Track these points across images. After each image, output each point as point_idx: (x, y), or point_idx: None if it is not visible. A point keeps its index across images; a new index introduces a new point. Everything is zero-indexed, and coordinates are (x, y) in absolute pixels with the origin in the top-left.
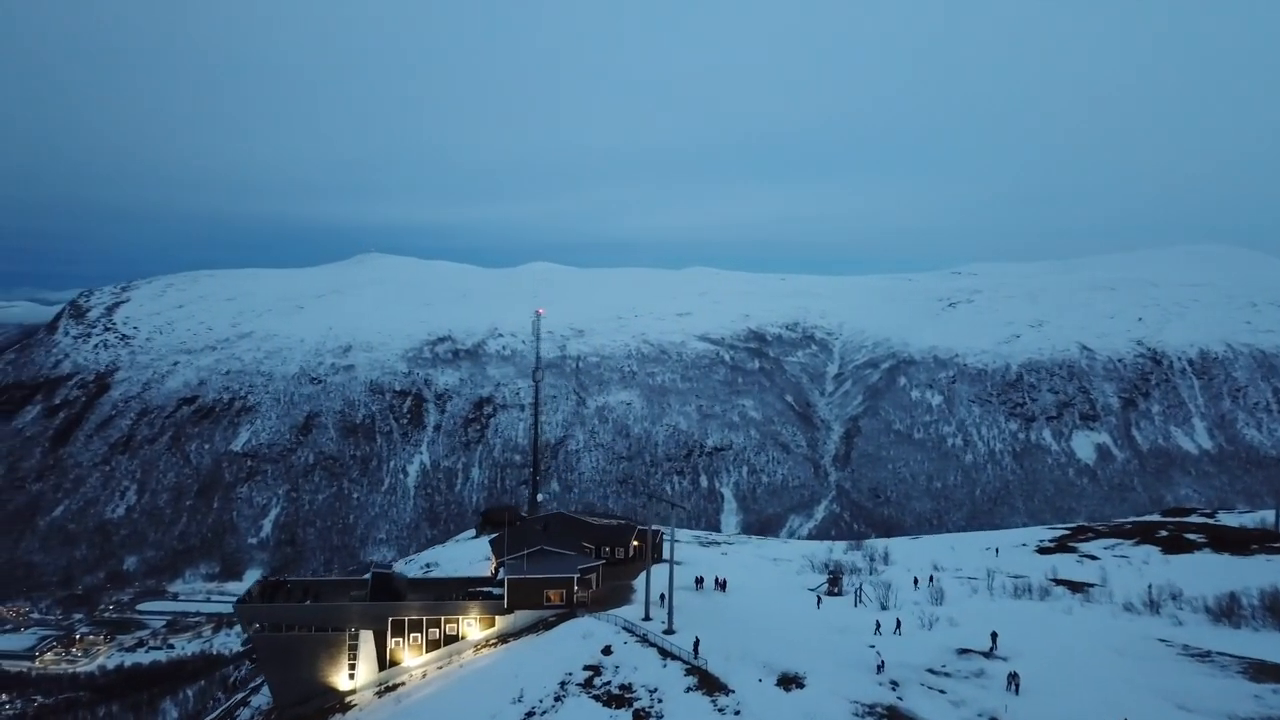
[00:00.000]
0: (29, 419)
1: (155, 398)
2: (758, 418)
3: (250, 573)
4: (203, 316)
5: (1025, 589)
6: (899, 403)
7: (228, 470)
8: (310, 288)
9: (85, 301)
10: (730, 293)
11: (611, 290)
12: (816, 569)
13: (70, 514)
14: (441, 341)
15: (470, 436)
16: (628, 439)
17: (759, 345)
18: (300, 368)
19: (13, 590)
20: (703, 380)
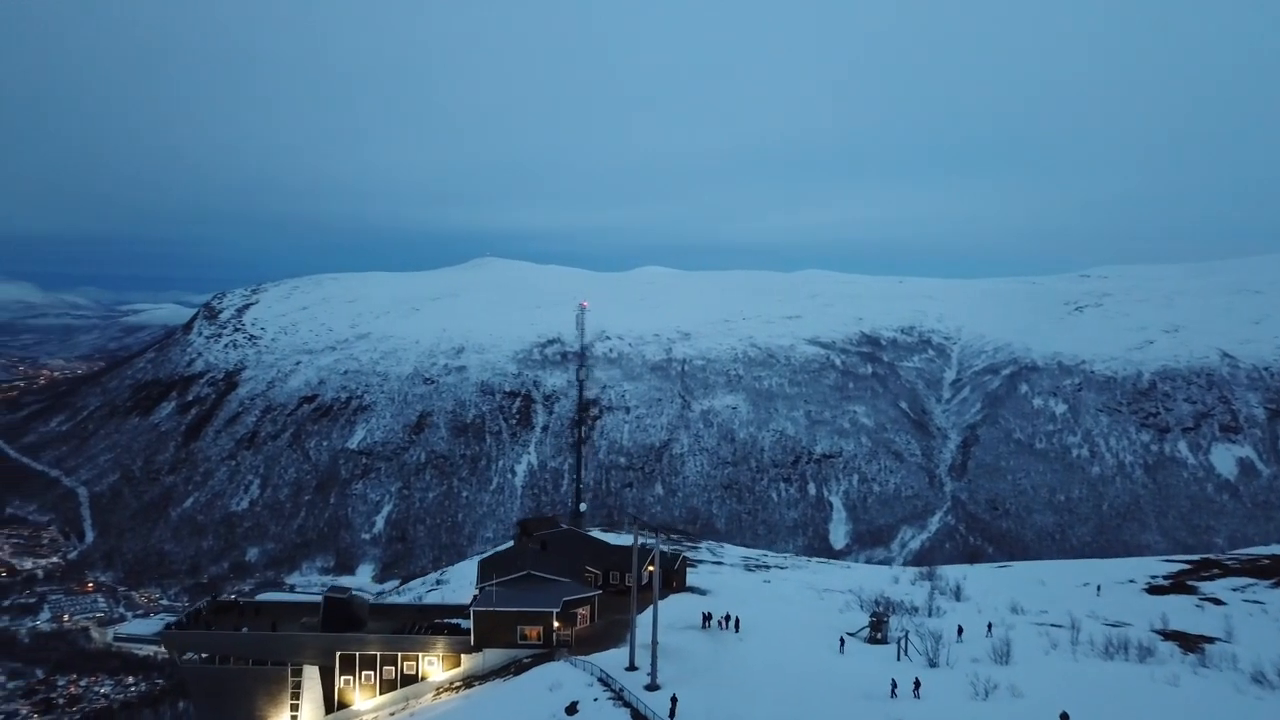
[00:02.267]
0: (164, 414)
1: (278, 396)
2: (869, 424)
3: (363, 567)
4: (324, 318)
5: (1121, 645)
6: (1020, 411)
7: (344, 467)
8: (426, 291)
9: (218, 303)
10: (842, 295)
11: (719, 293)
12: (865, 606)
13: (199, 506)
14: (550, 344)
15: (577, 437)
16: (733, 444)
17: (872, 349)
18: (414, 368)
19: (145, 577)
20: (812, 385)
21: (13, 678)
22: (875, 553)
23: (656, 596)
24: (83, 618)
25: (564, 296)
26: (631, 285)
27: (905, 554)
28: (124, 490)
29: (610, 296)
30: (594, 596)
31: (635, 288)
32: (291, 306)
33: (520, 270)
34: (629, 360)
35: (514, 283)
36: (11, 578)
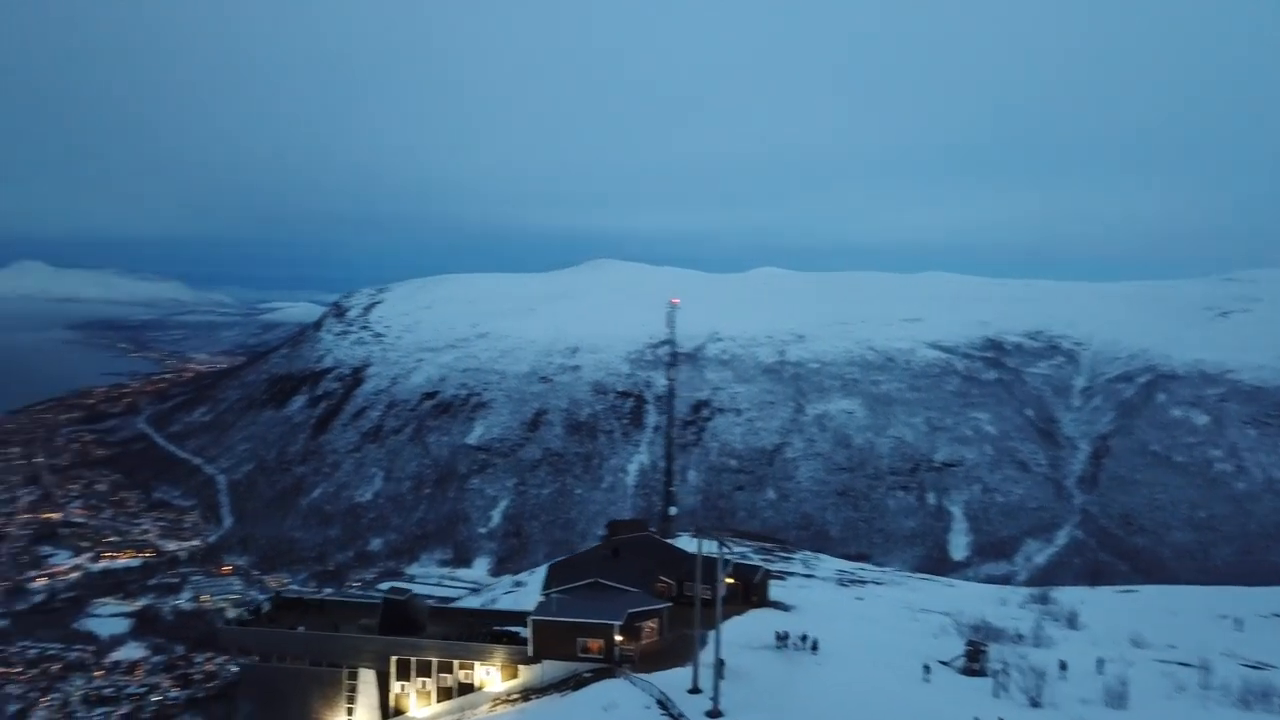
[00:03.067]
0: (296, 408)
1: (401, 392)
2: (993, 432)
3: (479, 560)
4: (446, 317)
5: (1262, 693)
6: (1157, 421)
7: (462, 462)
8: (544, 291)
9: (346, 302)
10: (966, 298)
11: (836, 295)
12: (963, 631)
13: (326, 496)
14: (663, 344)
15: (687, 439)
16: (848, 449)
17: (996, 355)
18: (530, 367)
19: (277, 562)
20: (932, 390)
21: (156, 652)
22: (997, 566)
23: (719, 612)
24: (220, 598)
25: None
26: (746, 286)
27: (1029, 568)
28: (258, 479)
29: (724, 297)
30: (663, 609)
31: (749, 289)
32: (415, 305)
33: (635, 271)
34: (741, 362)
35: (628, 284)
36: (158, 558)
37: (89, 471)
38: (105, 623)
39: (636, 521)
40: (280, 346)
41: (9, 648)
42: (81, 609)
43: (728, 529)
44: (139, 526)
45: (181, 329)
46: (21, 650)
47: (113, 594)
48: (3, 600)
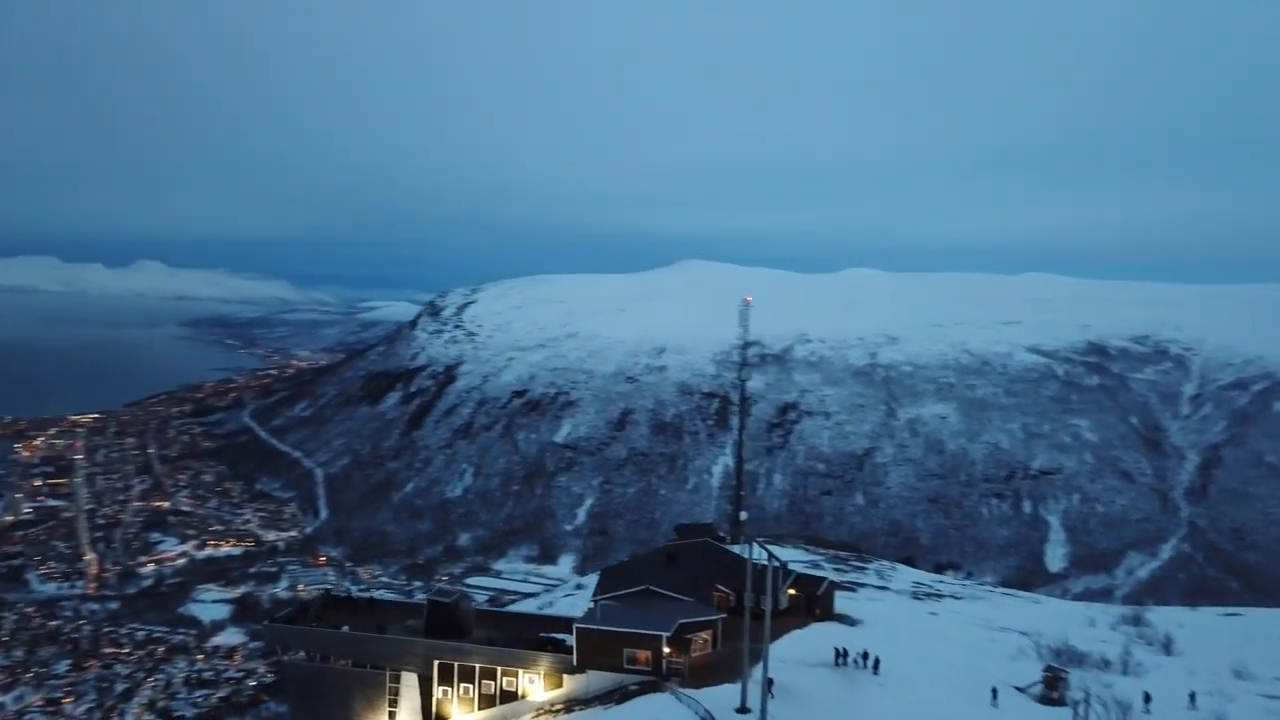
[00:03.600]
0: (390, 404)
1: (492, 390)
2: (1094, 440)
3: (564, 557)
4: (536, 317)
5: None
6: (1273, 431)
7: (550, 460)
8: (632, 292)
9: (440, 302)
10: (1066, 301)
11: (930, 296)
12: (1044, 655)
13: (418, 491)
14: (750, 346)
15: (774, 441)
16: (940, 455)
17: (1099, 359)
18: (618, 367)
19: (369, 555)
20: (1030, 396)
21: (253, 639)
22: (1096, 579)
23: (768, 626)
24: (314, 588)
25: (764, 298)
26: (836, 287)
27: (1131, 582)
28: (353, 473)
29: (813, 299)
30: (717, 620)
31: (840, 290)
32: (506, 305)
33: (723, 272)
34: (830, 364)
35: (716, 285)
36: (258, 548)
37: (197, 462)
38: (208, 608)
39: (705, 526)
40: (377, 345)
41: (119, 629)
42: (186, 594)
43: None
44: (241, 516)
45: (286, 327)
46: (130, 632)
47: (215, 581)
48: (115, 584)
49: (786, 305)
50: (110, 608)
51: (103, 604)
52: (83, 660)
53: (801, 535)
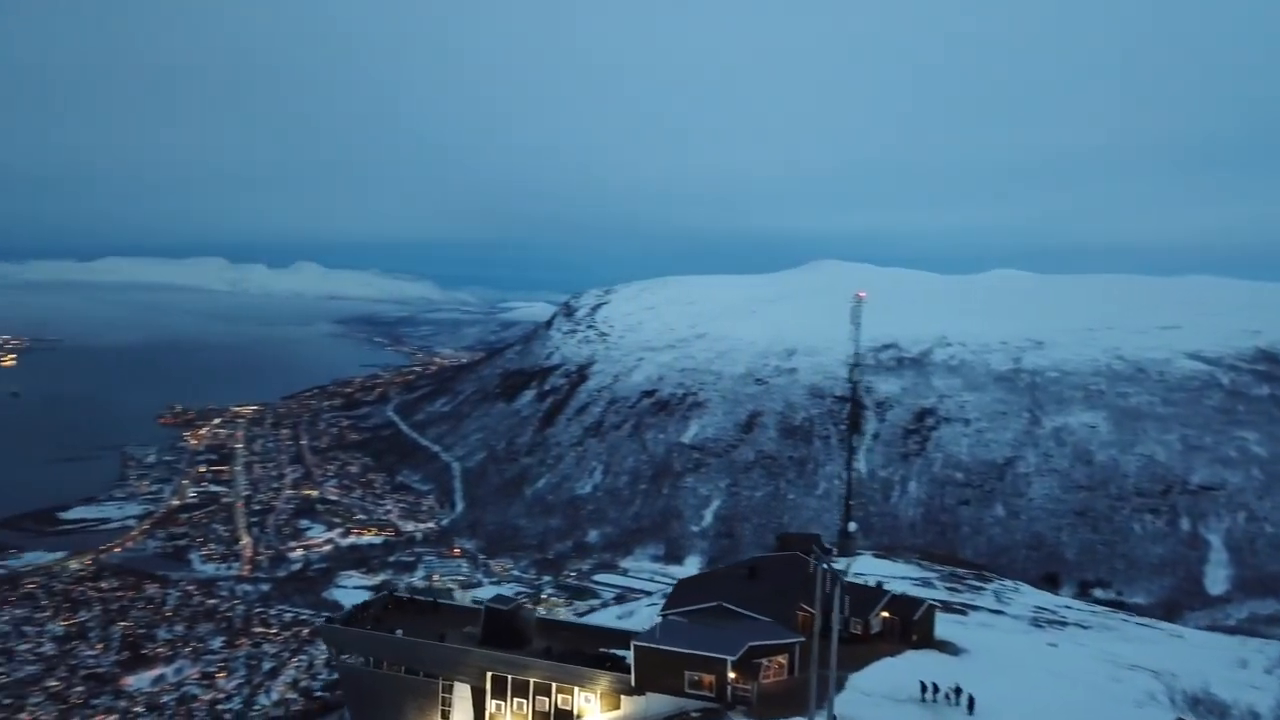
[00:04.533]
0: (525, 402)
1: (622, 389)
2: (1262, 454)
3: (690, 558)
4: (666, 318)
5: None
6: None
7: (677, 460)
8: (763, 293)
9: (575, 303)
10: (1233, 305)
11: (1081, 299)
12: (1178, 702)
13: (549, 487)
14: (885, 349)
15: (909, 448)
16: (1089, 466)
17: (1269, 368)
18: (746, 369)
19: (501, 548)
20: (1190, 405)
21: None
22: (1263, 603)
23: (834, 653)
24: (449, 579)
25: (902, 300)
26: (979, 289)
27: None
28: (489, 468)
29: (954, 301)
30: (794, 644)
31: (983, 292)
32: (638, 306)
33: (858, 273)
34: (971, 369)
35: (850, 286)
36: (397, 537)
37: (344, 454)
38: (349, 594)
39: (809, 537)
40: (514, 344)
41: (269, 610)
42: (330, 579)
43: (916, 550)
44: (383, 507)
45: (430, 325)
46: (279, 614)
47: (357, 567)
48: (267, 567)
49: (926, 307)
50: (262, 589)
51: (255, 585)
52: (235, 638)
53: (916, 549)
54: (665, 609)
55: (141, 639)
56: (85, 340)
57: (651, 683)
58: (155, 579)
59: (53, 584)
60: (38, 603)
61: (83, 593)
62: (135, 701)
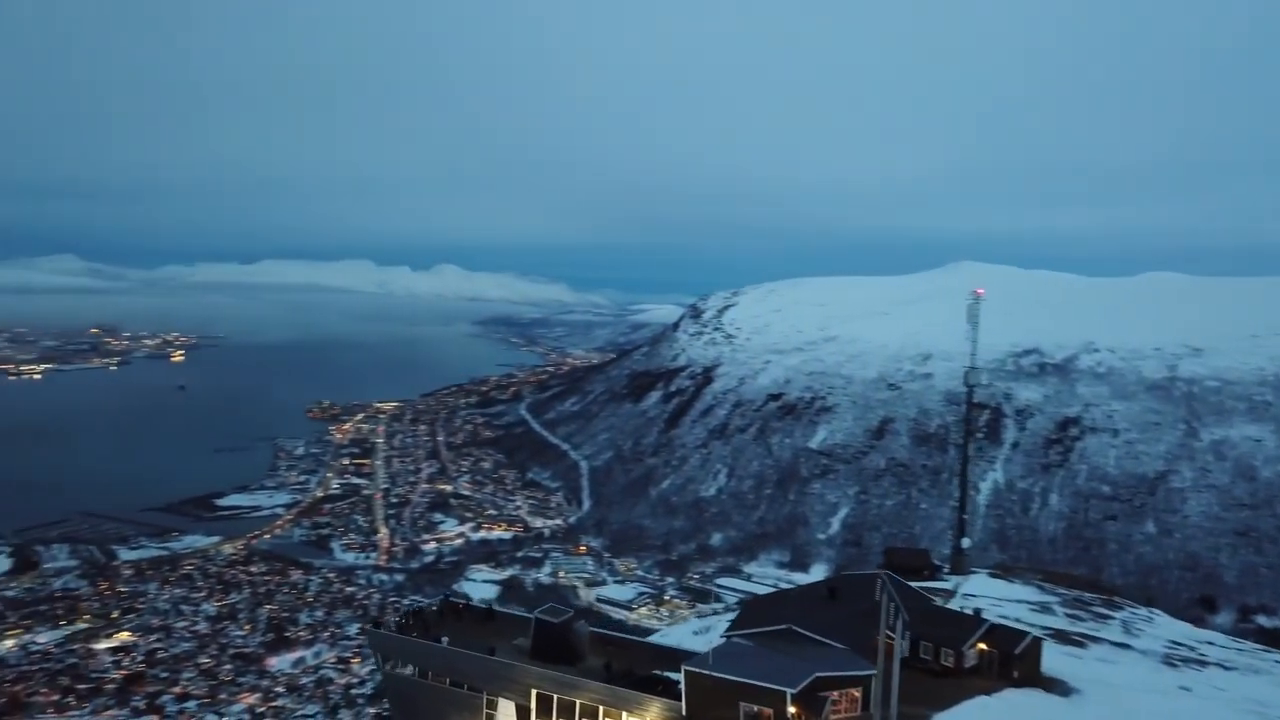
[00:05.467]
0: (651, 403)
1: (748, 392)
2: None
3: (816, 566)
4: (795, 320)
5: None
6: None
7: (804, 465)
8: (897, 295)
9: (702, 304)
10: None
11: (1245, 304)
12: None
13: (674, 488)
14: (1027, 354)
15: (1051, 459)
16: (1252, 483)
17: None
18: (878, 373)
19: (626, 548)
20: None
21: None
22: None
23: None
24: (574, 576)
25: (1046, 304)
26: (1131, 293)
27: None
28: (615, 467)
29: (1102, 305)
30: (868, 676)
31: (1135, 296)
32: (766, 308)
33: (999, 275)
34: (1120, 376)
35: (991, 288)
36: (526, 533)
37: (477, 450)
38: (478, 587)
39: (919, 552)
40: (642, 345)
41: (402, 599)
42: (460, 572)
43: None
44: (513, 503)
45: (563, 327)
46: (411, 604)
47: (486, 562)
48: (402, 558)
49: (1071, 311)
50: (396, 579)
51: (390, 575)
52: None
53: (1039, 570)
54: (730, 629)
55: (285, 622)
56: (245, 338)
57: (703, 712)
58: (299, 565)
59: (208, 566)
60: (194, 583)
61: (234, 576)
62: (277, 682)
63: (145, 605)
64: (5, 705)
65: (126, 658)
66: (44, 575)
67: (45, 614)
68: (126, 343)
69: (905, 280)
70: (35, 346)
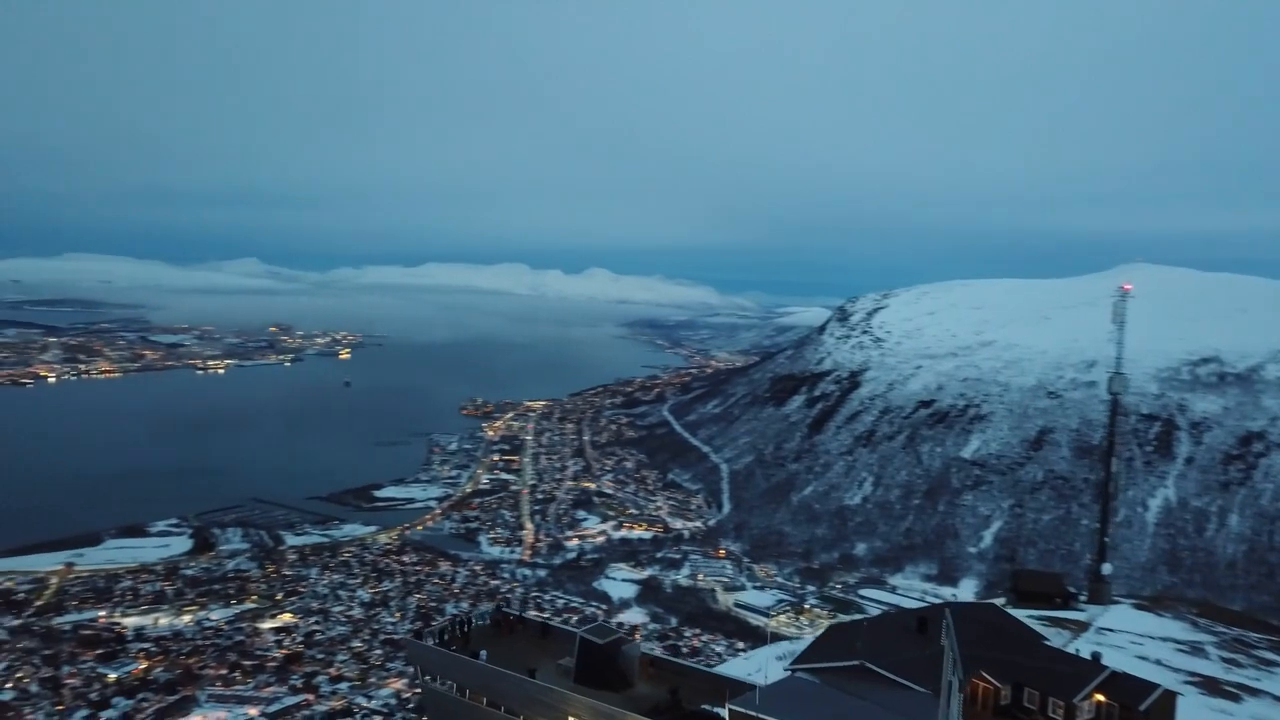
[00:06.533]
0: (794, 407)
1: (896, 398)
2: None
3: (966, 581)
4: (948, 324)
5: None
6: None
7: (955, 476)
8: (1059, 299)
9: (850, 307)
10: None
11: None
12: None
13: (816, 495)
14: (1204, 363)
15: (1231, 476)
16: None
17: None
18: (1038, 380)
19: (766, 554)
20: None
21: (653, 620)
22: None
23: None
24: (712, 579)
25: (1227, 309)
26: None
27: None
28: (756, 471)
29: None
30: None
31: None
32: (917, 311)
33: (1175, 278)
34: None
35: (1164, 292)
36: (665, 534)
37: (621, 450)
38: (617, 585)
39: (1051, 576)
40: (786, 348)
41: (544, 594)
42: (601, 570)
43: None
44: (654, 503)
45: (708, 329)
46: (552, 599)
47: (626, 561)
48: (545, 553)
49: (1257, 317)
50: (539, 574)
51: (534, 570)
52: None
53: (1194, 602)
54: (798, 661)
55: (432, 611)
56: (406, 337)
57: None
58: (448, 557)
59: (364, 554)
60: (351, 570)
61: (388, 564)
62: None
63: (306, 589)
64: (180, 677)
65: (288, 638)
66: (219, 556)
67: (219, 593)
68: (300, 340)
69: (1070, 283)
70: (220, 343)
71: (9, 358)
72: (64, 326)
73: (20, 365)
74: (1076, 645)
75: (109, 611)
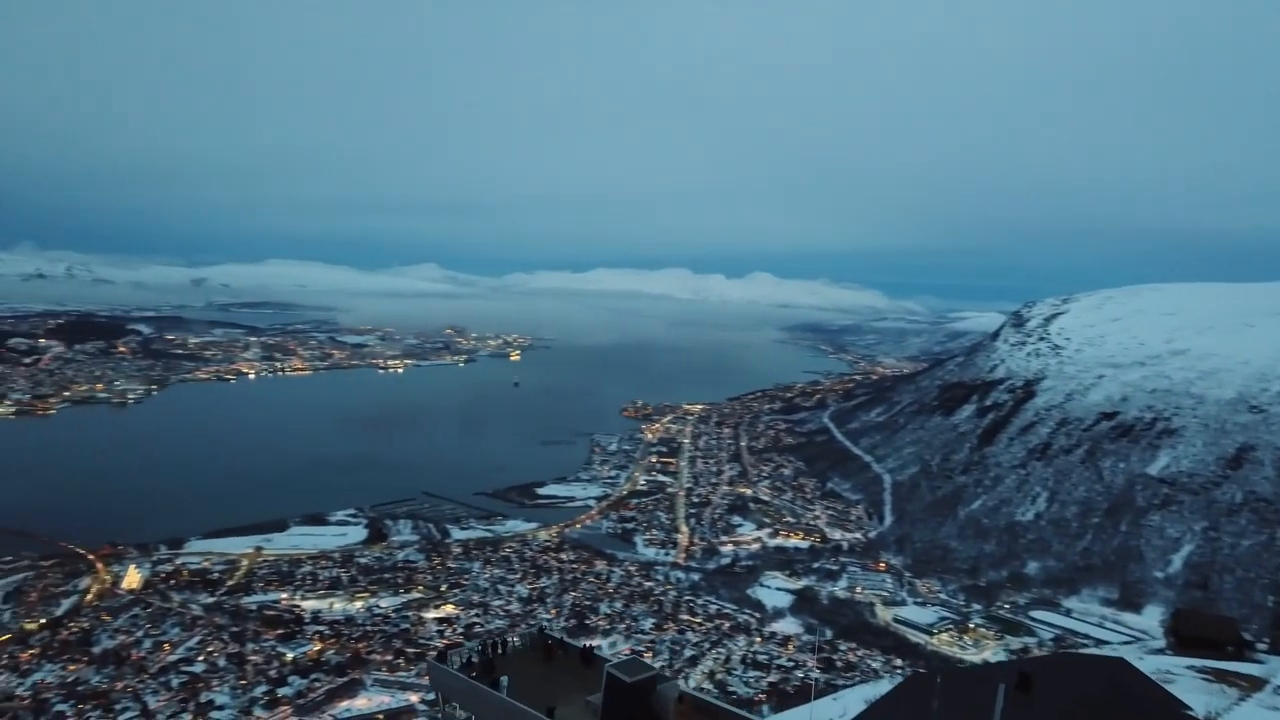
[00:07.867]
0: (963, 416)
1: (1075, 409)
2: None
3: (1150, 608)
4: (1135, 331)
5: None
6: None
7: (1140, 494)
8: (1265, 304)
9: (1026, 312)
10: None
11: None
12: None
13: (985, 509)
14: None
15: None
16: None
17: None
18: (1238, 393)
19: (929, 569)
20: None
21: (807, 631)
22: None
23: None
24: (871, 593)
25: None
26: None
27: None
28: (920, 482)
29: None
30: None
31: None
32: (1101, 317)
33: None
34: None
35: None
36: (823, 544)
37: (779, 456)
38: (771, 594)
39: (1222, 621)
40: (956, 355)
41: (696, 599)
42: (755, 578)
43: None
44: (811, 512)
45: (874, 334)
46: (704, 604)
47: (781, 569)
48: (699, 558)
49: None
50: (693, 579)
51: (687, 574)
52: (663, 622)
53: None
54: (866, 714)
55: (586, 610)
56: (572, 340)
57: None
58: (604, 557)
59: (525, 550)
60: (511, 566)
61: (546, 561)
62: None
63: (469, 582)
64: (350, 660)
65: (449, 628)
66: (391, 547)
67: (389, 581)
68: (473, 342)
69: (1275, 287)
70: (400, 344)
71: (217, 355)
72: (263, 327)
73: (226, 362)
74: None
75: (290, 594)
